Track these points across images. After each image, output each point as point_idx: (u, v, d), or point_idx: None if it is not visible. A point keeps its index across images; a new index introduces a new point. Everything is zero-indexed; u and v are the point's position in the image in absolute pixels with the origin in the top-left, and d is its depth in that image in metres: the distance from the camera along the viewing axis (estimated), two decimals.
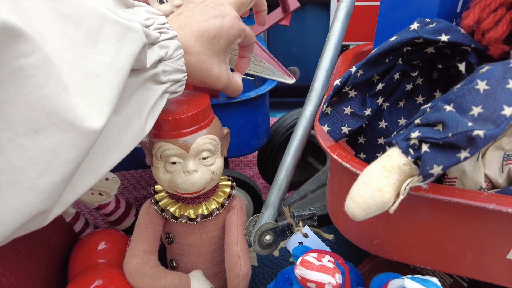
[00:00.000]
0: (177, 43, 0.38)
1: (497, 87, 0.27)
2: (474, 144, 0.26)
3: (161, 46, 0.36)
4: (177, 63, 0.38)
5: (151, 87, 0.36)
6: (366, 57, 0.35)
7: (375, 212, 0.30)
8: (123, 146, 0.33)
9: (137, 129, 0.34)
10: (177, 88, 0.40)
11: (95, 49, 0.28)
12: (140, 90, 0.35)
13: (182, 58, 0.39)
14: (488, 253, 0.37)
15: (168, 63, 0.37)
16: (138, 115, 0.34)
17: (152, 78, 0.35)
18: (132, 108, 0.34)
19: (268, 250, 0.50)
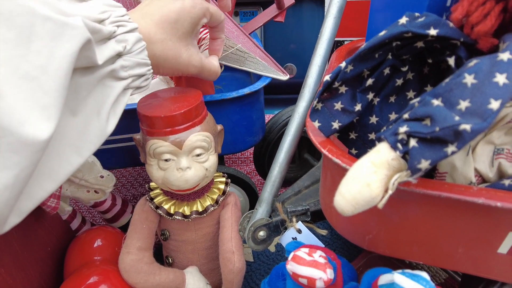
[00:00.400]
0: (137, 35, 0.36)
1: (484, 81, 0.27)
2: (461, 138, 0.26)
3: (118, 41, 0.34)
4: (138, 56, 0.36)
5: (110, 84, 0.34)
6: (356, 52, 0.35)
7: (364, 207, 0.30)
8: (82, 149, 0.32)
9: (97, 130, 0.33)
10: (141, 83, 0.38)
11: (29, 50, 0.26)
12: (98, 88, 0.33)
13: (144, 51, 0.37)
14: (479, 248, 0.37)
15: (128, 57, 0.35)
16: (97, 115, 0.33)
17: (110, 75, 0.34)
18: (90, 108, 0.32)
19: (262, 246, 0.51)
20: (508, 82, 0.26)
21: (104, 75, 0.33)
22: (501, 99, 0.26)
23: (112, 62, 0.34)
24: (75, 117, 0.31)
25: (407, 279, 0.32)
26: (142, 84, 0.38)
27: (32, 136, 0.25)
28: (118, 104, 0.35)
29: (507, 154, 0.34)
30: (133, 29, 0.36)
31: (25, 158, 0.25)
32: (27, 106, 0.25)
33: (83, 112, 0.32)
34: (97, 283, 0.47)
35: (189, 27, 0.42)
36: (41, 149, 0.26)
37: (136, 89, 0.38)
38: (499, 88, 0.26)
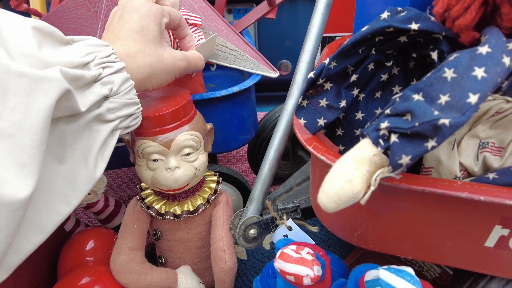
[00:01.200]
0: (124, 76, 0.35)
1: (463, 75, 0.26)
2: (441, 133, 0.26)
3: (104, 83, 0.33)
4: (126, 97, 0.35)
5: (97, 128, 0.33)
6: (339, 49, 0.34)
7: (346, 203, 0.30)
8: (71, 198, 0.31)
9: (85, 177, 0.32)
10: (130, 122, 0.37)
11: (5, 107, 0.25)
12: (84, 134, 0.32)
13: (132, 90, 0.36)
14: (466, 242, 0.37)
15: (115, 99, 0.34)
16: (84, 162, 0.32)
17: (96, 119, 0.33)
18: (77, 154, 0.31)
19: (253, 244, 0.51)
20: (486, 75, 0.26)
21: (90, 120, 0.32)
22: (479, 93, 0.26)
23: (98, 106, 0.33)
24: (62, 164, 0.31)
25: (392, 274, 0.32)
26: (131, 123, 0.37)
27: (10, 196, 0.24)
28: (106, 147, 0.34)
29: (492, 148, 0.34)
30: (120, 69, 0.35)
31: (4, 219, 0.24)
32: (4, 165, 0.24)
33: (70, 159, 0.31)
34: (89, 284, 0.48)
35: (156, 29, 0.41)
36: (20, 208, 0.25)
37: (125, 129, 0.37)
38: (478, 82, 0.26)
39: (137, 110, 0.37)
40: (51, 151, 0.30)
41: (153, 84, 0.42)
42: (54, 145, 0.30)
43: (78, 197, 0.31)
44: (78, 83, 0.31)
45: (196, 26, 0.61)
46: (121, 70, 0.35)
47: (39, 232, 0.29)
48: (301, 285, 0.37)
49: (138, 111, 0.38)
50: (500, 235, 0.35)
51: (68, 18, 0.69)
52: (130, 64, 0.38)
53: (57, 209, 0.30)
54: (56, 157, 0.30)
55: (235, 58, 0.61)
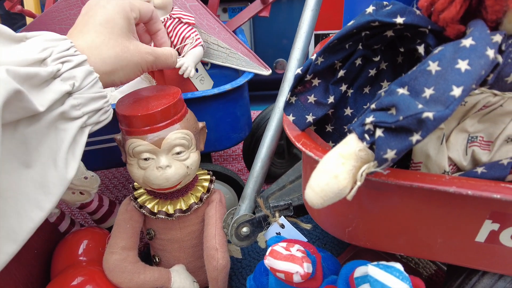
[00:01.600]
0: (87, 69, 0.33)
1: (447, 68, 0.26)
2: (425, 127, 0.26)
3: (64, 79, 0.31)
4: (91, 91, 0.33)
5: (63, 126, 0.31)
6: (325, 44, 0.34)
7: (333, 199, 0.29)
8: (43, 202, 0.29)
9: (56, 179, 0.30)
10: (100, 117, 0.35)
11: None
12: (50, 134, 0.30)
13: (97, 83, 0.34)
14: (457, 237, 0.37)
15: (79, 94, 0.32)
16: (53, 163, 0.30)
17: (60, 117, 0.31)
18: (45, 156, 0.30)
19: (246, 242, 0.50)
20: (470, 68, 0.26)
21: (54, 119, 0.30)
22: (463, 85, 0.25)
23: (61, 103, 0.31)
24: (29, 169, 0.29)
25: (381, 270, 0.31)
26: (101, 118, 0.35)
27: None
28: (76, 145, 0.33)
29: (481, 142, 0.34)
30: (81, 62, 0.33)
31: None
32: None
33: (37, 162, 0.30)
34: (81, 283, 0.48)
35: (122, 22, 0.40)
36: None
37: (96, 124, 0.35)
38: (461, 74, 0.26)
39: (106, 104, 0.36)
40: (15, 156, 0.28)
41: (121, 77, 0.40)
42: (18, 150, 0.29)
43: (51, 201, 0.30)
44: (32, 82, 0.29)
45: (190, 25, 0.60)
46: (83, 64, 0.33)
47: (11, 242, 0.28)
48: (291, 282, 0.37)
49: (106, 105, 0.36)
50: (490, 230, 0.35)
51: (61, 19, 0.69)
52: (93, 56, 0.36)
53: (28, 215, 0.28)
54: (21, 162, 0.29)
55: (227, 56, 0.61)
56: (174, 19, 0.59)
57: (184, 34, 0.60)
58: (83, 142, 0.33)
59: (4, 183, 0.27)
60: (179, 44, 0.59)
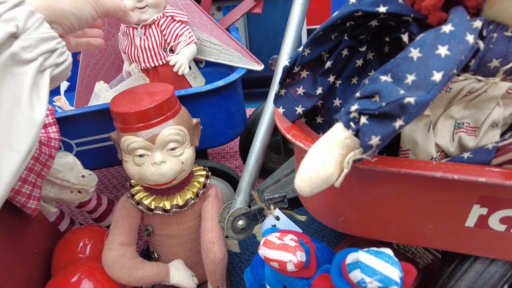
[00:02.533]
0: (27, 9, 0.32)
1: (428, 54, 0.27)
2: (407, 112, 0.26)
3: (4, 20, 0.30)
4: (39, 31, 0.32)
5: (18, 71, 0.31)
6: (311, 35, 0.35)
7: (321, 186, 0.30)
8: (16, 144, 0.30)
9: (25, 120, 0.31)
10: (57, 58, 0.34)
11: None
12: (7, 80, 0.30)
13: (43, 23, 0.33)
14: (447, 223, 0.37)
15: (26, 36, 0.31)
16: (18, 106, 0.30)
17: (13, 61, 0.30)
18: (7, 101, 0.30)
19: (242, 235, 0.51)
20: (449, 53, 0.26)
21: (5, 63, 0.30)
22: (443, 70, 0.26)
23: (8, 46, 0.30)
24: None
25: (371, 256, 0.32)
26: (59, 60, 0.34)
27: None
28: (39, 88, 0.32)
29: (467, 128, 0.35)
30: (18, 3, 0.32)
31: None
32: None
33: (2, 109, 0.30)
34: (81, 279, 0.48)
35: None
36: None
37: (54, 67, 0.34)
38: (441, 59, 0.26)
39: (59, 45, 0.34)
40: None
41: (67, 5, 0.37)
42: None
43: (26, 142, 0.30)
44: None
45: (183, 23, 0.61)
46: (21, 4, 0.32)
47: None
48: (285, 271, 0.38)
49: (60, 45, 0.35)
50: (479, 214, 0.35)
51: None
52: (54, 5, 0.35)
53: (5, 159, 0.29)
54: None
55: (220, 53, 0.62)
56: (167, 17, 0.60)
57: (177, 32, 0.60)
58: (46, 85, 0.33)
59: None
60: (173, 41, 0.60)
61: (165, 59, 0.60)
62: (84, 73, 0.68)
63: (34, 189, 0.51)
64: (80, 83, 0.69)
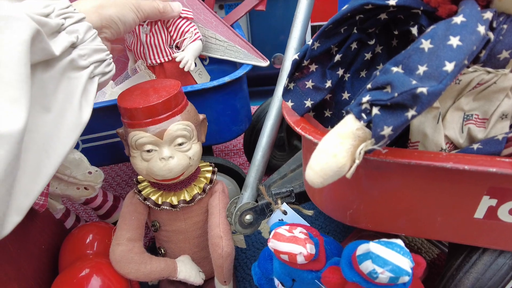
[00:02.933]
0: (87, 24, 0.37)
1: (439, 45, 0.27)
2: (419, 102, 0.26)
3: (68, 32, 0.35)
4: (93, 44, 0.37)
5: (74, 75, 0.35)
6: (320, 29, 0.35)
7: (332, 177, 0.30)
8: (65, 139, 0.34)
9: (74, 119, 0.35)
10: (104, 68, 0.39)
11: None
12: (63, 82, 0.34)
13: (96, 38, 0.38)
14: (456, 215, 0.37)
15: (83, 46, 0.36)
16: (70, 106, 0.34)
17: (71, 66, 0.35)
18: (61, 101, 0.34)
19: (249, 229, 0.51)
20: (461, 44, 0.26)
21: (65, 67, 0.34)
22: (455, 60, 0.26)
23: (69, 53, 0.35)
24: (50, 113, 0.33)
25: (382, 246, 0.32)
26: (106, 69, 0.39)
27: (7, 129, 0.26)
28: (88, 92, 0.37)
29: (476, 120, 0.35)
30: (81, 19, 0.37)
31: (8, 152, 0.26)
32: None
33: (56, 106, 0.34)
34: (89, 275, 0.48)
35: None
36: (19, 140, 0.27)
37: (102, 75, 0.39)
38: (453, 50, 0.26)
39: (108, 56, 0.40)
40: (36, 100, 0.32)
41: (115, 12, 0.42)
42: (38, 94, 0.32)
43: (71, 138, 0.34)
44: (45, 30, 0.32)
45: (189, 19, 0.61)
46: (82, 20, 0.37)
47: (43, 174, 0.32)
48: (295, 264, 0.38)
49: (108, 57, 0.40)
50: (489, 206, 0.35)
51: None
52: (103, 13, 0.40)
53: (54, 151, 0.33)
54: (42, 106, 0.32)
55: (225, 49, 0.62)
56: None
57: (183, 28, 0.60)
58: (94, 91, 0.38)
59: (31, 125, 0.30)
60: (179, 38, 0.60)
61: (171, 55, 0.60)
62: None
63: None
64: None
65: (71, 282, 0.48)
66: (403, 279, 0.31)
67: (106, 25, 0.41)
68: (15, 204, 0.29)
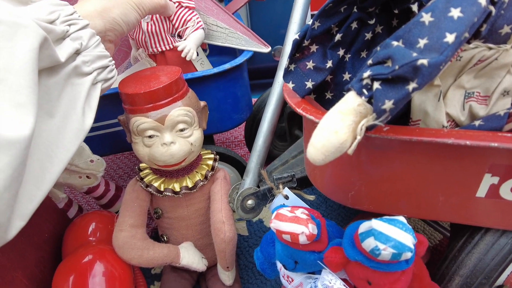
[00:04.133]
0: (90, 31, 0.37)
1: (440, 17, 0.27)
2: (420, 74, 0.26)
3: (73, 39, 0.35)
4: (96, 50, 0.38)
5: (78, 81, 0.36)
6: (320, 8, 0.35)
7: (334, 154, 0.30)
8: (68, 145, 0.34)
9: (77, 125, 0.35)
10: (107, 74, 0.39)
11: None
12: (67, 88, 0.35)
13: (100, 44, 0.38)
14: (458, 194, 0.37)
15: (87, 53, 0.37)
16: (73, 112, 0.35)
17: (75, 72, 0.35)
18: (65, 107, 0.34)
19: (251, 214, 0.51)
20: (462, 15, 0.26)
21: (69, 73, 0.34)
22: (456, 32, 0.26)
23: (73, 60, 0.35)
24: (53, 118, 0.33)
25: (384, 223, 0.32)
26: (109, 75, 0.39)
27: (14, 135, 0.26)
28: (91, 98, 0.37)
29: (477, 97, 0.35)
30: (85, 25, 0.37)
31: (15, 158, 0.27)
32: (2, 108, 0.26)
33: (59, 112, 0.34)
34: (92, 260, 0.49)
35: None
36: (26, 146, 0.27)
37: (104, 82, 0.39)
38: (454, 21, 0.26)
39: (110, 63, 0.40)
40: (41, 106, 0.32)
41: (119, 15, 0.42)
42: (42, 100, 0.32)
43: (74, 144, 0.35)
44: (51, 36, 0.32)
45: (190, 8, 0.61)
46: (86, 27, 0.37)
47: (46, 180, 0.32)
48: (297, 244, 0.38)
49: (111, 63, 0.40)
50: (491, 184, 0.35)
51: None
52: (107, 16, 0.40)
53: (58, 156, 0.33)
54: (46, 112, 0.32)
55: (227, 36, 0.62)
56: (174, 3, 0.60)
57: (185, 17, 0.60)
58: (97, 96, 0.38)
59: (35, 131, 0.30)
60: (181, 27, 0.60)
61: (173, 44, 0.60)
62: None
63: None
64: None
65: (75, 268, 0.48)
66: (406, 255, 0.31)
67: (110, 28, 0.41)
68: (19, 210, 0.30)
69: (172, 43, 0.61)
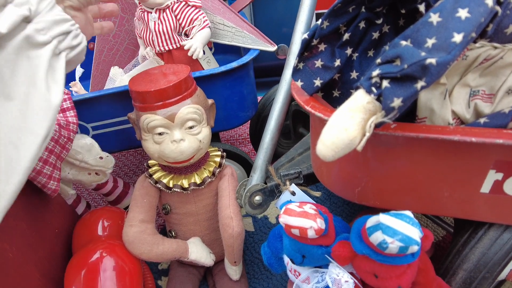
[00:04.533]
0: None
1: (448, 17, 0.28)
2: (429, 73, 0.27)
3: (17, 4, 0.30)
4: (51, 14, 0.32)
5: (33, 53, 0.31)
6: (329, 8, 0.36)
7: (343, 150, 0.31)
8: (34, 128, 0.30)
9: (42, 103, 0.31)
10: (71, 41, 0.34)
11: None
12: (21, 63, 0.30)
13: (55, 6, 0.33)
14: (463, 189, 0.38)
15: (39, 19, 0.31)
16: (34, 89, 0.30)
17: (27, 44, 0.30)
18: (23, 85, 0.30)
19: (259, 210, 0.52)
20: (470, 15, 0.27)
21: (19, 46, 0.30)
22: (463, 32, 0.27)
23: (21, 29, 0.30)
24: (12, 100, 0.30)
25: (392, 217, 0.33)
26: (73, 42, 0.34)
27: None
28: (55, 71, 0.33)
29: (483, 95, 0.36)
30: None
31: None
32: None
33: (17, 92, 0.30)
34: (103, 256, 0.50)
35: None
36: None
37: (70, 50, 0.34)
38: (461, 22, 0.27)
39: (73, 27, 0.34)
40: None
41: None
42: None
43: (43, 125, 0.31)
44: None
45: (197, 7, 0.62)
46: None
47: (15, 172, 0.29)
48: (306, 238, 0.39)
49: (74, 27, 0.34)
50: (495, 180, 0.36)
51: None
52: None
53: (25, 142, 0.30)
54: (2, 95, 0.29)
55: (233, 35, 0.63)
56: (181, 2, 0.61)
57: (192, 16, 0.61)
58: (61, 67, 0.33)
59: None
60: (187, 26, 0.61)
61: (179, 43, 0.61)
62: (99, 59, 0.70)
63: (54, 171, 0.52)
64: (95, 68, 0.70)
65: (86, 263, 0.49)
66: (412, 248, 0.32)
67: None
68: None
69: (179, 41, 0.62)
